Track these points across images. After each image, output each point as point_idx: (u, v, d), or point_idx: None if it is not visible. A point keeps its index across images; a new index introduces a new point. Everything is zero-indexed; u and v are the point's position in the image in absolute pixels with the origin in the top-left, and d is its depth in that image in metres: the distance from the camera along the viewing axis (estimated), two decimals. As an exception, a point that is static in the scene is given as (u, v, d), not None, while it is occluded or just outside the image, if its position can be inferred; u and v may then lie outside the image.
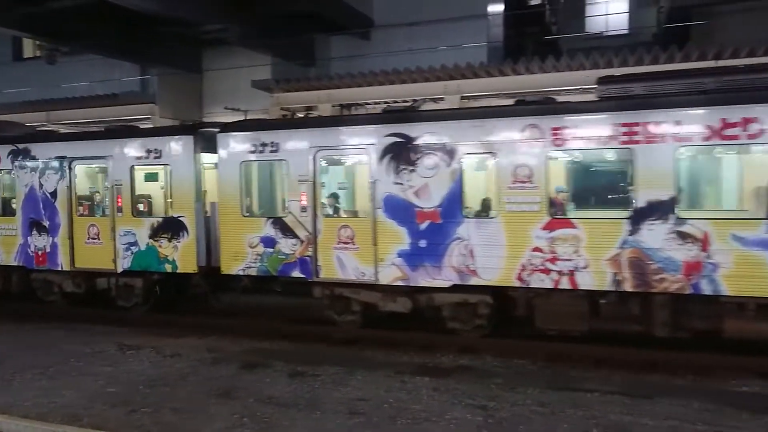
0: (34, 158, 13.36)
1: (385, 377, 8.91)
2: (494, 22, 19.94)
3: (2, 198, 14.12)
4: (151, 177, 12.85)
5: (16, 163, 13.51)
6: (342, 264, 10.90)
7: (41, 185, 13.29)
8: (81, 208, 13.20)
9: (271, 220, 11.40)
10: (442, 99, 14.92)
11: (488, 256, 9.93)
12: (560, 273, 9.59)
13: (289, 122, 13.02)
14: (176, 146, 12.04)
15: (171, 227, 12.18)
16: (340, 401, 7.97)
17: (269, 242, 11.35)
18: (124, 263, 12.61)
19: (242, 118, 16.05)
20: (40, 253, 13.37)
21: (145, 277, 12.70)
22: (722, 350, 9.33)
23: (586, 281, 9.50)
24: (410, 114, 11.11)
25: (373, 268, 10.67)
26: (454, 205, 10.15)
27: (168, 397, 8.26)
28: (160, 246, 12.29)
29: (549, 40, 23.16)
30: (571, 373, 9.10)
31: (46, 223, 13.25)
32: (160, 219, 12.34)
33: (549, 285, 9.69)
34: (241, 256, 11.55)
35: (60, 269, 13.21)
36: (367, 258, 10.69)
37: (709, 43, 17.84)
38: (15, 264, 13.71)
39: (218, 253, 11.88)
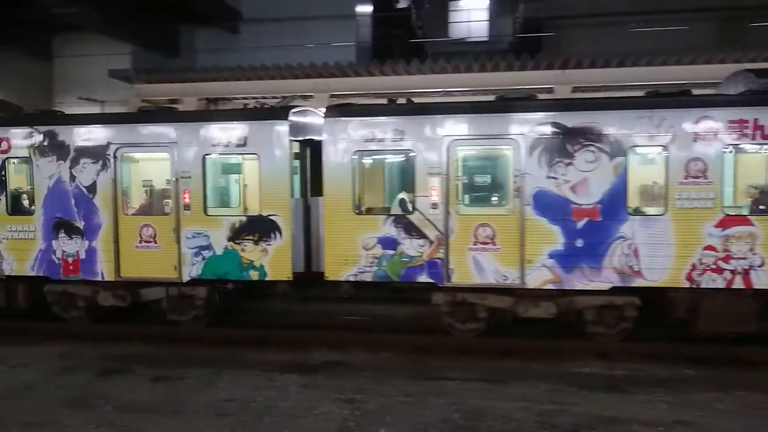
0: (62, 144, 10.90)
1: (253, 377, 8.82)
2: (363, 23, 20.32)
3: (12, 192, 11.48)
4: (231, 168, 11.31)
5: (36, 150, 11.01)
6: (479, 266, 9.89)
7: (73, 177, 10.90)
8: (131, 205, 11.17)
9: (393, 218, 10.13)
10: (311, 97, 14.96)
11: (655, 256, 9.38)
12: (734, 272, 9.23)
13: (417, 107, 11.26)
14: (267, 132, 10.36)
15: (258, 228, 10.46)
16: (207, 403, 7.79)
17: (390, 243, 10.07)
18: (191, 271, 10.68)
19: (98, 109, 14.77)
20: (70, 260, 11.00)
21: (210, 285, 10.93)
22: (568, 336, 10.22)
23: (762, 280, 9.19)
24: (568, 102, 10.58)
25: (518, 271, 9.77)
26: (616, 201, 9.46)
27: (14, 410, 7.63)
28: (242, 250, 10.52)
29: (417, 43, 23.94)
30: (435, 363, 9.50)
31: (81, 224, 10.92)
32: (244, 218, 10.59)
33: (721, 285, 9.29)
34: (352, 260, 10.17)
35: (99, 279, 11.01)
36: (511, 259, 9.81)
37: (558, 53, 19.43)
38: (30, 274, 11.23)
39: (321, 257, 10.47)
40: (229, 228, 10.51)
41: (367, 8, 20.86)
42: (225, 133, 10.40)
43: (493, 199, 10.47)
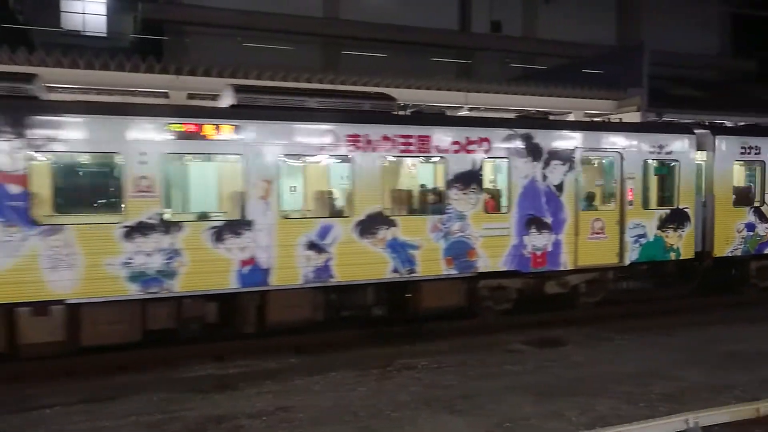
0: (537, 146, 11.81)
1: None
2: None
3: (491, 191, 11.93)
4: (659, 170, 13.23)
5: (514, 152, 11.58)
6: None
7: (545, 177, 11.85)
8: (585, 201, 12.63)
9: (752, 209, 13.99)
10: None
11: None
12: None
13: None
14: (684, 144, 13.13)
15: (677, 218, 13.04)
16: None
17: (750, 227, 13.93)
18: (631, 256, 12.65)
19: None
20: (538, 253, 11.83)
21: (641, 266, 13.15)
22: (188, 342, 10.17)
23: None
24: None
25: None
26: None
27: None
28: (666, 236, 12.90)
29: (13, 29, 20.93)
30: (31, 391, 8.42)
31: (549, 220, 11.92)
32: (668, 210, 13.01)
33: None
34: (730, 240, 13.71)
35: (561, 269, 12.15)
36: None
37: (185, 57, 19.33)
38: (502, 269, 11.59)
39: (711, 239, 13.59)
40: (658, 219, 12.88)
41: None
42: (658, 142, 12.82)
43: None
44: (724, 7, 32.88)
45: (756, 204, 14.20)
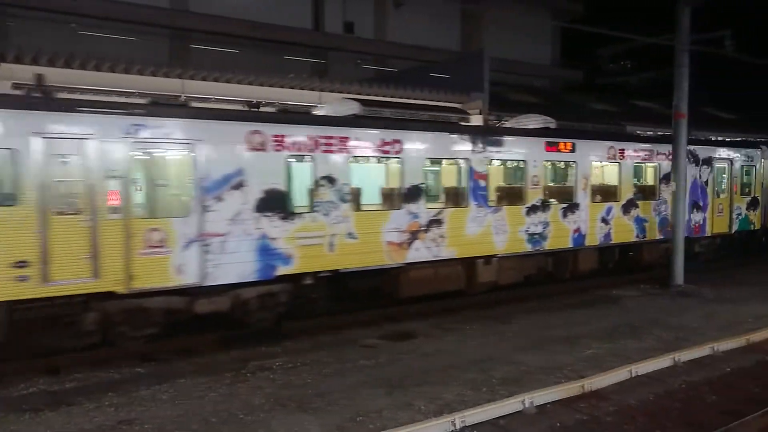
0: (697, 157, 18.18)
1: None
2: None
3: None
4: (746, 172, 20.17)
5: (687, 159, 16.97)
6: None
7: (700, 176, 18.36)
8: (716, 192, 19.05)
9: None
10: None
11: None
12: None
13: None
14: (757, 154, 20.33)
15: (754, 203, 20.20)
16: None
17: None
18: (734, 227, 19.46)
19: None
20: (696, 225, 18.22)
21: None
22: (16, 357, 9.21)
23: None
24: None
25: None
26: None
27: None
28: (749, 214, 20.03)
29: None
30: None
31: (701, 203, 18.34)
32: (750, 198, 20.07)
33: None
34: None
35: (705, 236, 18.68)
36: None
37: (3, 42, 17.45)
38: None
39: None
40: (746, 203, 19.87)
41: None
42: (748, 153, 20.01)
43: None
44: (555, 21, 35.90)
45: None
